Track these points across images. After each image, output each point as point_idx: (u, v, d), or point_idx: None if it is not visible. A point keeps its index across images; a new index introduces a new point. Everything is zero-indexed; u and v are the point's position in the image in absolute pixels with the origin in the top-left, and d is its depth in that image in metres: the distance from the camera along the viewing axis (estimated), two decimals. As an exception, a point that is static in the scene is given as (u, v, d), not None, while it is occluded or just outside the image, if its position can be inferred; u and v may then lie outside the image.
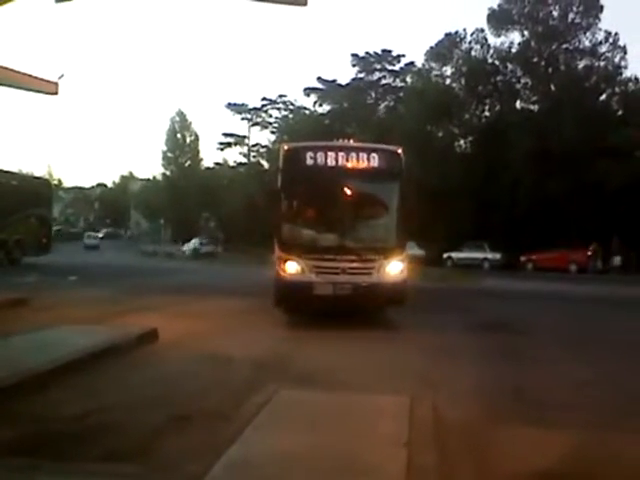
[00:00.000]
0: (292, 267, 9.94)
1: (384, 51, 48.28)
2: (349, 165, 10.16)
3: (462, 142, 37.53)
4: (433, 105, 34.61)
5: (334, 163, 10.13)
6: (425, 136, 34.85)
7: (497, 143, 31.55)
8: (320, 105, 51.46)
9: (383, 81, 48.76)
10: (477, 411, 5.41)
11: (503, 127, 32.42)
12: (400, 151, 10.49)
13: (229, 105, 61.56)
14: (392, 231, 10.31)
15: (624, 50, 34.65)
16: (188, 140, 64.45)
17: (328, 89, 50.17)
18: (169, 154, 63.99)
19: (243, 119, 61.40)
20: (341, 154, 10.18)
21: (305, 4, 7.43)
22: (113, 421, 4.89)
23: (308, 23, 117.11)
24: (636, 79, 34.09)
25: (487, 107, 37.29)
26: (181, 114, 64.36)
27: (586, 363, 7.68)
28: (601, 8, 34.96)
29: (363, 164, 10.16)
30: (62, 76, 11.75)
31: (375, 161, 10.19)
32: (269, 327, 10.01)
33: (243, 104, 60.70)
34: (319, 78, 50.92)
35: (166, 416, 4.96)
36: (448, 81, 38.32)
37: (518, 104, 36.66)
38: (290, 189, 10.32)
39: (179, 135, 64.20)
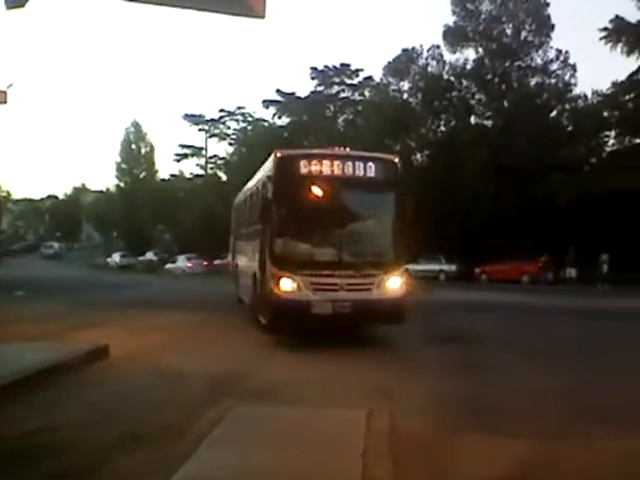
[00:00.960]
0: (287, 284, 9.16)
1: (343, 65, 48.90)
2: (346, 174, 9.62)
3: (419, 156, 38.14)
4: (391, 119, 35.13)
5: (330, 172, 9.57)
6: (383, 149, 35.25)
7: (453, 157, 32.18)
8: (279, 117, 51.62)
9: (342, 94, 49.31)
10: (434, 422, 5.45)
11: (458, 142, 33.09)
12: (397, 160, 10.13)
13: (186, 116, 60.99)
14: (391, 244, 9.87)
15: (574, 68, 35.97)
16: (143, 151, 63.34)
17: (287, 101, 50.41)
18: (123, 165, 62.74)
19: (200, 130, 60.94)
20: (337, 162, 9.63)
21: (263, 17, 7.42)
22: (63, 439, 4.75)
23: (268, 36, 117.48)
24: (585, 96, 35.43)
25: (443, 122, 38.02)
26: (136, 125, 63.36)
27: (541, 372, 7.80)
28: (552, 27, 36.26)
29: (360, 173, 9.67)
30: (11, 85, 11.46)
31: (372, 170, 9.70)
32: (224, 342, 9.87)
33: (200, 115, 60.28)
34: (278, 90, 51.14)
35: (118, 433, 4.84)
36: (405, 96, 38.93)
37: (473, 119, 37.53)
38: (283, 200, 9.47)
39: (134, 146, 63.07)
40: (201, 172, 61.06)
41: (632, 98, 32.19)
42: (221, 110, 59.27)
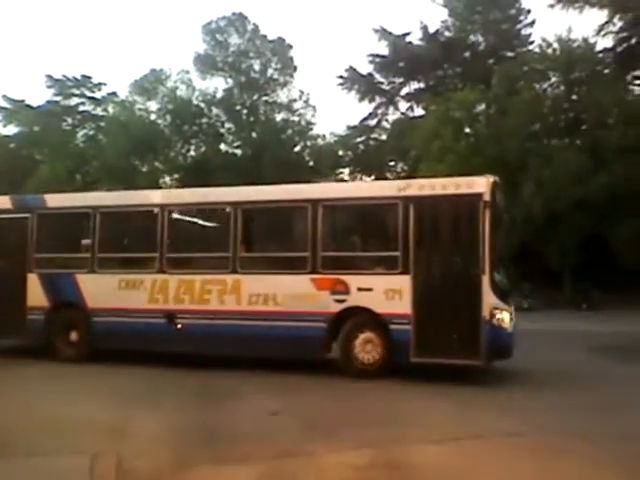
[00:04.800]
0: (507, 318, 8.82)
1: (84, 76, 45.09)
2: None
3: (168, 179, 37.01)
4: (137, 139, 33.46)
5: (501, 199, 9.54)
6: (129, 170, 33.33)
7: (204, 183, 31.77)
8: (4, 126, 45.23)
9: (82, 107, 45.39)
10: (166, 457, 5.17)
11: (210, 168, 32.98)
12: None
13: None
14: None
15: (314, 109, 39.09)
16: None
17: (15, 109, 44.48)
18: None
19: None
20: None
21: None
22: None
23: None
24: (324, 136, 38.68)
25: (193, 147, 37.63)
26: None
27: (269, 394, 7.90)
28: (295, 68, 38.85)
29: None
30: None
31: None
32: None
33: None
34: (4, 96, 44.85)
35: None
36: (153, 116, 37.59)
37: (223, 147, 37.87)
38: (494, 231, 8.72)
39: None
40: None
41: (362, 141, 36.16)
42: None
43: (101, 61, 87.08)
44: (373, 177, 38.99)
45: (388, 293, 8.88)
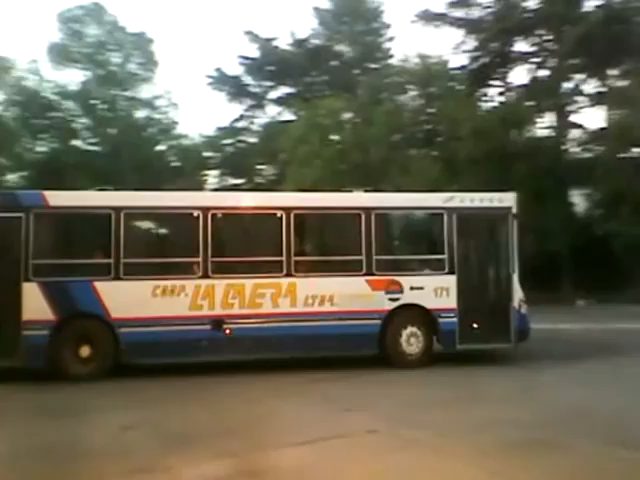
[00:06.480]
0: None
1: None
2: None
3: (14, 176, 33.61)
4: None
5: None
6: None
7: (55, 181, 29.26)
8: None
9: None
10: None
11: (62, 165, 30.46)
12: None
13: None
14: None
15: (178, 107, 37.64)
16: None
17: None
18: None
19: None
20: None
21: None
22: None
23: None
24: (187, 136, 37.35)
25: (43, 142, 34.53)
26: None
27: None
28: (157, 64, 37.14)
29: None
30: None
31: None
32: None
33: None
34: None
35: None
36: (-1, 108, 34.02)
37: (78, 143, 35.18)
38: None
39: None
40: None
41: (231, 143, 35.44)
42: None
43: (-64, 43, 77.70)
44: (243, 180, 38.45)
45: (437, 291, 10.35)
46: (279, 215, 10.09)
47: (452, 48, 33.38)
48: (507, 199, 10.86)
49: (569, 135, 31.75)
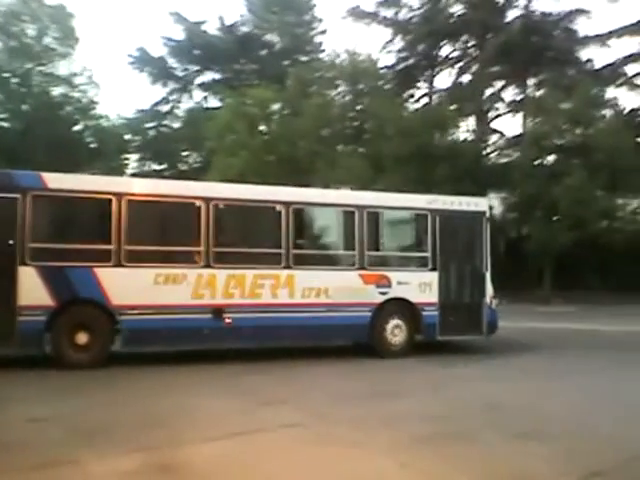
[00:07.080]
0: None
1: None
2: None
3: None
4: None
5: None
6: None
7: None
8: None
9: None
10: None
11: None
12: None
13: None
14: None
15: (98, 86, 35.79)
16: None
17: None
18: None
19: None
20: None
21: None
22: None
23: None
24: (108, 117, 35.70)
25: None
26: None
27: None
28: (77, 40, 35.16)
29: None
30: None
31: None
32: None
33: None
34: None
35: None
36: None
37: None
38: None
39: None
40: None
41: (153, 127, 34.20)
42: None
43: None
44: (165, 166, 37.27)
45: (421, 286, 11.03)
46: (278, 209, 10.37)
47: (381, 47, 33.90)
48: (481, 204, 11.82)
49: (489, 140, 33.13)
